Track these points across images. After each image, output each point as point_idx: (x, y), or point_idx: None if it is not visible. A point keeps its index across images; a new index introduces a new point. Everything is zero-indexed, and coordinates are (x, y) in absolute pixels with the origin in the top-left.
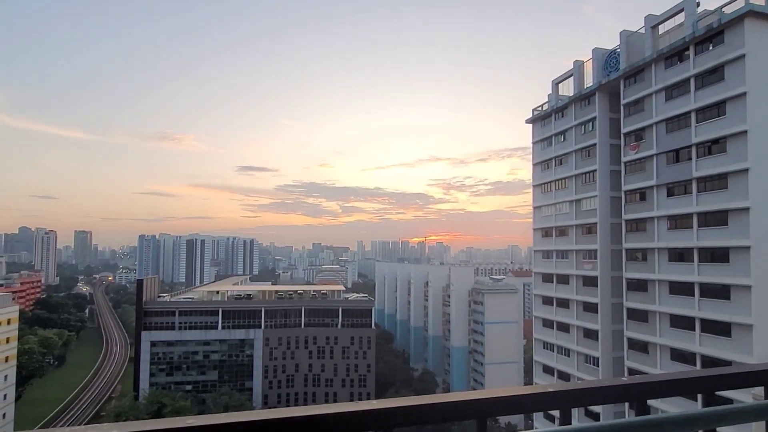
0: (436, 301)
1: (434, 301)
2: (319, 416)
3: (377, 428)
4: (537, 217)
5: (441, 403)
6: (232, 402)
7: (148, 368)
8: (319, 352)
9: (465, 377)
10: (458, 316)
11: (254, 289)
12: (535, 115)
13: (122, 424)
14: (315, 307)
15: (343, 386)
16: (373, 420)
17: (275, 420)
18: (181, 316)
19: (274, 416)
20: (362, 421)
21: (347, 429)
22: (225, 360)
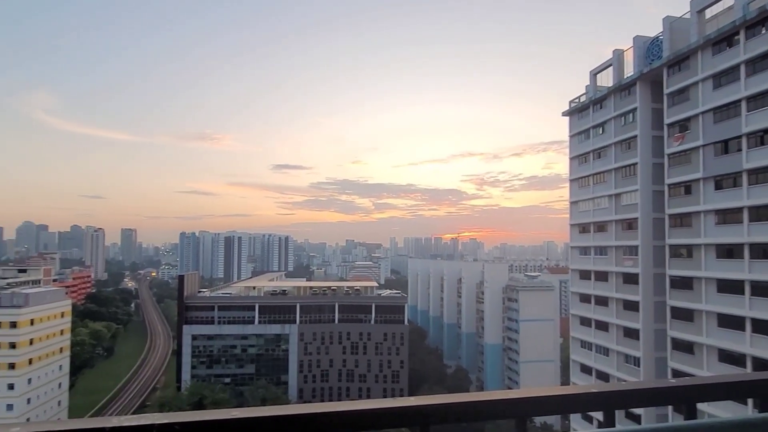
0: (469, 297)
1: (467, 298)
2: (357, 411)
3: (414, 425)
4: (574, 212)
5: (480, 401)
6: (268, 395)
7: (190, 361)
8: (353, 347)
9: (499, 375)
10: (492, 314)
11: (289, 285)
12: (572, 107)
13: (172, 414)
14: (348, 303)
15: (376, 382)
16: (411, 416)
17: (318, 414)
18: (220, 310)
19: (316, 410)
20: (400, 417)
21: (385, 425)
22: (262, 354)
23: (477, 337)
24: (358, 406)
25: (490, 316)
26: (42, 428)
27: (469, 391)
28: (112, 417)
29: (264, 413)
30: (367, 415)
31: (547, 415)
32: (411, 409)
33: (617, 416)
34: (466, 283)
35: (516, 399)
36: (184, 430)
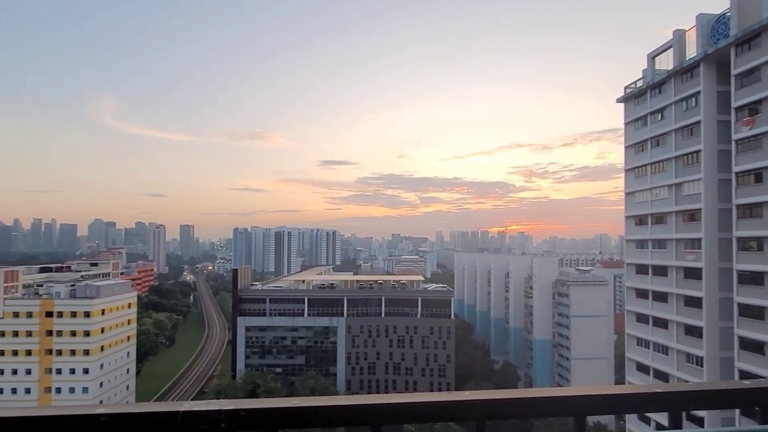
0: (517, 292)
1: (515, 293)
2: (414, 404)
3: (470, 419)
4: (630, 203)
5: (536, 398)
6: (318, 386)
7: (244, 351)
8: (399, 341)
9: (549, 372)
10: (541, 309)
11: (337, 278)
12: (628, 93)
13: (238, 401)
14: (395, 296)
15: (423, 375)
16: (466, 411)
17: (374, 405)
18: (271, 303)
19: (371, 402)
20: (455, 412)
21: (441, 418)
22: (311, 346)
23: (525, 332)
24: (414, 399)
25: (539, 312)
26: (124, 410)
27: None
28: (184, 402)
29: (322, 403)
30: (424, 408)
31: (607, 414)
32: (466, 403)
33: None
34: (513, 278)
35: (574, 396)
36: (249, 417)
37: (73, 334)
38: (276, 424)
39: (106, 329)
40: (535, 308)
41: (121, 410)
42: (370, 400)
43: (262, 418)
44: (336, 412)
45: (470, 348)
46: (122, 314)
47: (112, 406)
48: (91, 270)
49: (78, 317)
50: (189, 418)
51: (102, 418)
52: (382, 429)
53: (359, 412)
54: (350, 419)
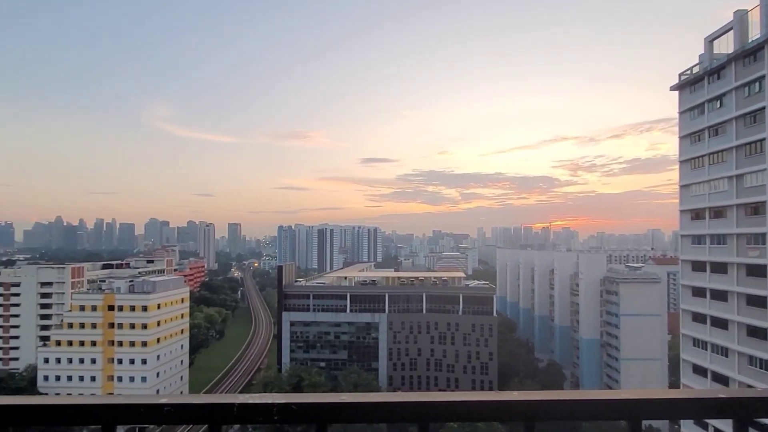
0: (562, 289)
1: (561, 290)
2: (463, 403)
3: (519, 420)
4: (685, 196)
5: (589, 400)
6: (360, 380)
7: (289, 345)
8: (441, 337)
9: (597, 372)
10: (588, 307)
11: (378, 275)
12: (683, 80)
13: (290, 395)
14: (436, 293)
15: (464, 373)
16: (515, 411)
17: (422, 402)
18: (315, 299)
19: (419, 399)
20: (504, 412)
21: (490, 418)
22: (353, 341)
23: (571, 331)
24: (461, 397)
25: (586, 310)
26: (185, 400)
27: (562, 387)
28: (239, 395)
29: (370, 399)
30: (471, 406)
31: (666, 420)
32: (514, 403)
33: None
34: (559, 275)
35: (631, 400)
36: (299, 410)
37: (132, 327)
38: (325, 419)
39: (161, 322)
40: (581, 306)
41: (183, 401)
42: (418, 397)
43: (312, 411)
44: (384, 408)
45: (513, 346)
46: (176, 308)
47: (174, 396)
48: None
49: (136, 311)
50: (244, 410)
51: (165, 407)
52: (429, 427)
53: (407, 409)
54: (398, 416)
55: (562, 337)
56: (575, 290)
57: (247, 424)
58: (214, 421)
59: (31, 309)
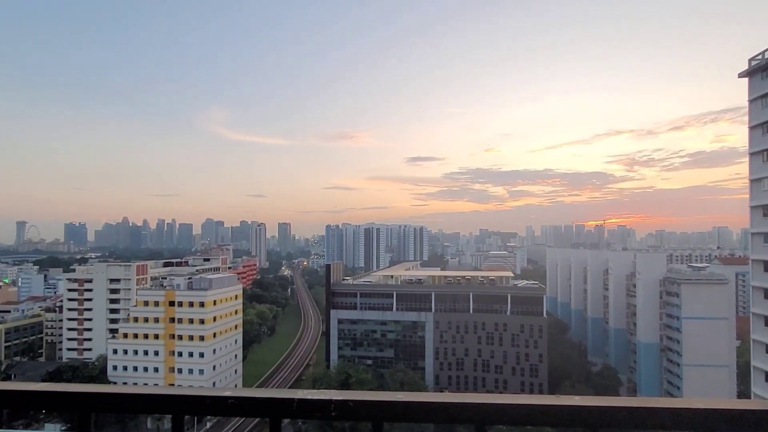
0: (617, 290)
1: (616, 291)
2: (522, 406)
3: (579, 426)
4: (756, 191)
5: (659, 408)
6: (406, 379)
7: (337, 342)
8: (488, 338)
9: (656, 378)
10: (646, 309)
11: (424, 274)
12: (754, 66)
13: (347, 392)
14: (483, 293)
15: (513, 374)
16: (575, 417)
17: (477, 404)
18: (362, 297)
19: (475, 401)
20: (564, 417)
21: (547, 422)
22: (399, 339)
23: (628, 333)
24: (519, 400)
25: (643, 312)
26: (247, 394)
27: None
28: (298, 390)
29: (425, 399)
30: (530, 410)
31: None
32: (576, 409)
33: None
34: (614, 274)
35: (703, 410)
36: (356, 407)
37: (190, 322)
38: (380, 417)
39: (217, 318)
40: (638, 308)
41: (245, 394)
42: (474, 398)
43: (368, 409)
44: (439, 409)
45: (565, 348)
46: (230, 305)
47: (237, 390)
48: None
49: (194, 307)
50: (303, 405)
51: (229, 400)
52: (485, 429)
53: (463, 410)
54: (453, 417)
55: (617, 340)
56: (632, 291)
57: (306, 419)
58: (275, 414)
59: (102, 303)
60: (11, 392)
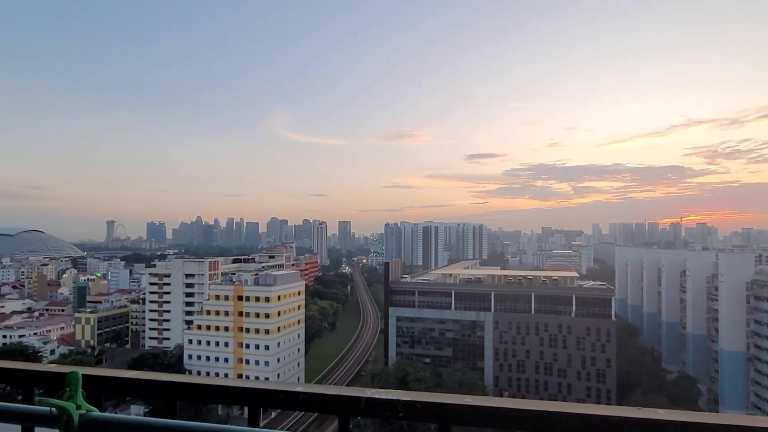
0: (697, 293)
1: (694, 294)
2: (597, 417)
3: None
4: None
5: (754, 428)
6: (465, 379)
7: (395, 339)
8: (551, 340)
9: (741, 389)
10: (731, 314)
11: (484, 273)
12: None
13: (414, 393)
14: (546, 293)
15: (578, 379)
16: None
17: (555, 413)
18: (420, 295)
19: (550, 409)
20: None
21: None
22: (458, 339)
23: (708, 340)
24: (596, 411)
25: (727, 317)
26: (318, 390)
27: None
28: (366, 389)
29: (496, 404)
30: (612, 423)
31: None
32: (662, 424)
33: None
34: (692, 276)
35: None
36: (423, 409)
37: (257, 316)
38: (448, 419)
39: (281, 313)
40: (721, 313)
41: (316, 390)
42: (548, 406)
43: (435, 411)
44: (509, 414)
45: (635, 353)
46: (294, 300)
47: (309, 386)
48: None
49: (260, 301)
50: (371, 404)
51: (301, 395)
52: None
53: (537, 418)
54: (526, 425)
55: (695, 346)
56: (713, 294)
57: (373, 418)
58: (343, 412)
59: (179, 296)
60: (109, 378)
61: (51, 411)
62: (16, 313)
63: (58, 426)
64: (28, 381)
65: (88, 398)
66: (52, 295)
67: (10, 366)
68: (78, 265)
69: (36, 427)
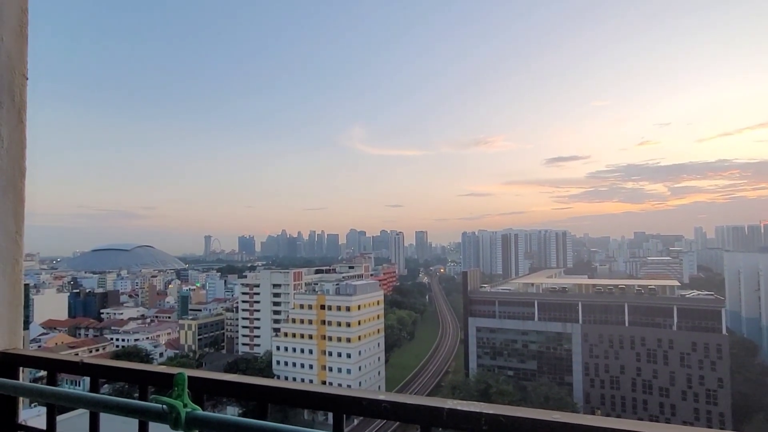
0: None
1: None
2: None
3: None
4: None
5: None
6: (552, 394)
7: (475, 350)
8: (649, 355)
9: None
10: None
11: (569, 282)
12: None
13: (499, 406)
14: (642, 303)
15: (683, 399)
16: None
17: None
18: (501, 305)
19: (641, 429)
20: None
21: None
22: (543, 351)
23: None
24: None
25: None
26: (400, 399)
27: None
28: (448, 400)
29: (587, 422)
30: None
31: None
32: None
33: None
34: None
35: None
36: (509, 423)
37: (338, 324)
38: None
39: (361, 322)
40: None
41: (398, 399)
42: (637, 427)
43: (521, 426)
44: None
45: (754, 373)
46: (373, 310)
47: (391, 395)
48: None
49: (341, 311)
50: (453, 416)
51: (383, 404)
52: None
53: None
54: None
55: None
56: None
57: (455, 430)
58: (425, 422)
59: (267, 305)
60: (210, 380)
61: (162, 408)
62: (132, 319)
63: (169, 422)
64: (143, 380)
65: (192, 397)
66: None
67: (129, 366)
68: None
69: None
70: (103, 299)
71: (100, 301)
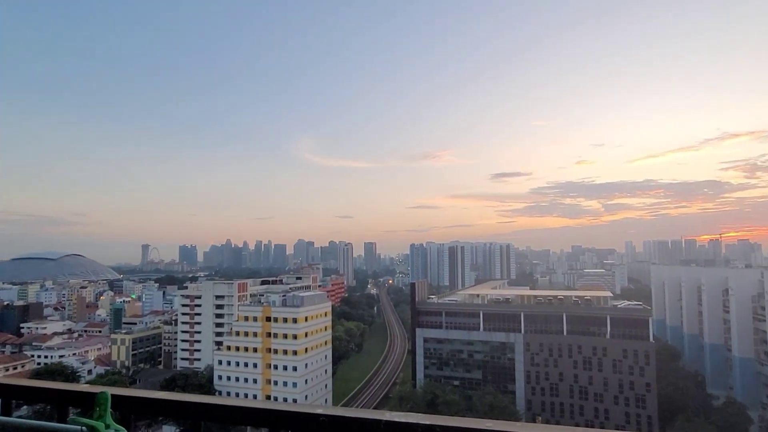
0: (741, 313)
1: (739, 314)
2: None
3: None
4: None
5: None
6: (496, 402)
7: (423, 361)
8: (585, 363)
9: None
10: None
11: (512, 293)
12: None
13: (432, 416)
14: (578, 314)
15: (615, 404)
16: None
17: None
18: (447, 316)
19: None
20: None
21: None
22: (488, 361)
23: (758, 364)
24: None
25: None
26: (338, 412)
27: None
28: (386, 411)
29: (518, 430)
30: None
31: None
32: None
33: None
34: (736, 295)
35: None
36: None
37: (285, 337)
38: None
39: (308, 334)
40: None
41: (336, 413)
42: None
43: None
44: None
45: (677, 377)
46: (321, 321)
47: (328, 408)
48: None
49: (288, 322)
50: (390, 428)
51: (320, 417)
52: None
53: None
54: None
55: (743, 370)
56: (760, 315)
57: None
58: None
59: (209, 317)
60: (138, 399)
61: (82, 430)
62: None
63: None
64: (62, 400)
65: (119, 418)
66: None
67: (48, 386)
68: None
69: None
70: (24, 312)
71: (20, 315)
